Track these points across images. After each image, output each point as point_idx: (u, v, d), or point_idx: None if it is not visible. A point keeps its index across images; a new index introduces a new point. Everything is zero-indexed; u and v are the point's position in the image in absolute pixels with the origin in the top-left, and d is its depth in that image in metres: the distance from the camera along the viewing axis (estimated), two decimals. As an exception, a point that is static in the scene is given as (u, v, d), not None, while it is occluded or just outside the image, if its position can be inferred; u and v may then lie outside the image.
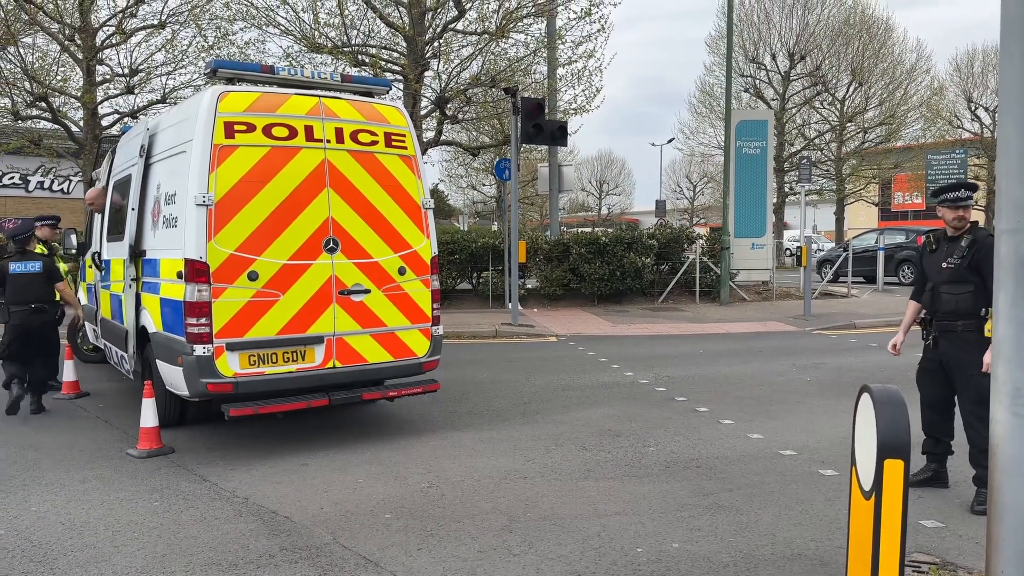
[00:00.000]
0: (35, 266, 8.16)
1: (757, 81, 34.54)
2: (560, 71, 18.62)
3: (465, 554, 4.47)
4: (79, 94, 19.83)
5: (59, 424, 7.60)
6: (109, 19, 19.73)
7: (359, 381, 6.91)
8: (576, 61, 18.44)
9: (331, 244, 6.61)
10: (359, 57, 17.29)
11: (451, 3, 16.73)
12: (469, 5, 17.15)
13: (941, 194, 5.41)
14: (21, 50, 19.64)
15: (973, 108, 36.97)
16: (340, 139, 6.72)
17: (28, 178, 34.11)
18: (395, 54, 18.00)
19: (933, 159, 26.30)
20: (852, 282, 20.83)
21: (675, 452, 6.54)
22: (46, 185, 34.98)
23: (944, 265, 5.38)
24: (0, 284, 8.12)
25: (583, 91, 18.83)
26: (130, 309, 7.47)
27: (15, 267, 8.10)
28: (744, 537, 4.71)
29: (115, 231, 8.41)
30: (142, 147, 7.54)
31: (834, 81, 34.51)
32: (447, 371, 8.17)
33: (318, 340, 6.57)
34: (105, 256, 8.82)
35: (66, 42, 19.30)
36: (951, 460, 5.64)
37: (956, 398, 5.43)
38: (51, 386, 8.54)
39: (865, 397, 3.42)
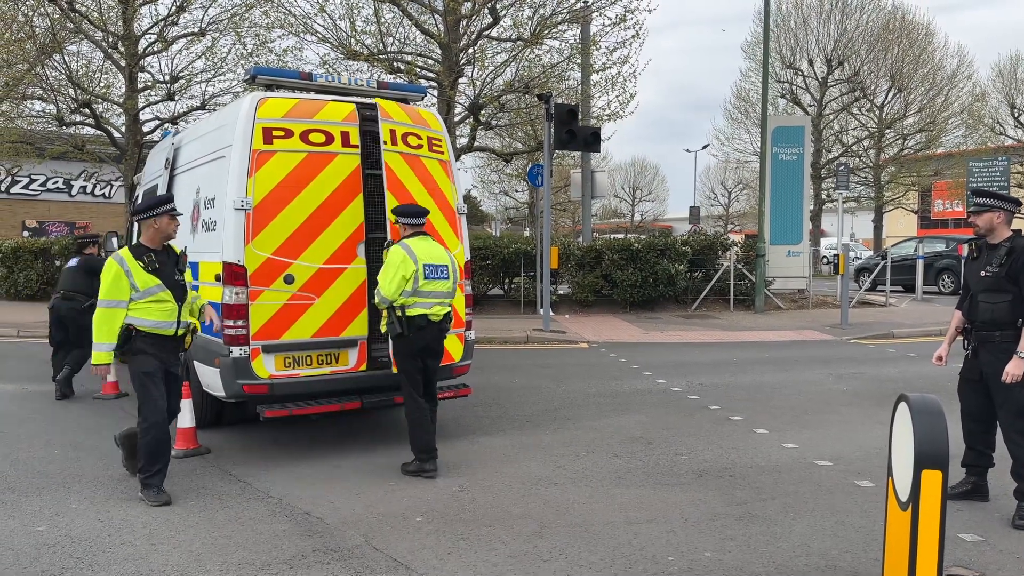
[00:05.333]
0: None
1: (794, 87, 34.22)
2: (594, 77, 18.64)
3: (495, 559, 4.48)
4: (121, 100, 20.29)
5: (100, 424, 7.75)
6: (151, 27, 20.17)
7: (391, 384, 6.95)
8: (610, 67, 18.46)
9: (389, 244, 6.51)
10: (394, 64, 17.48)
11: (486, 10, 16.83)
12: (504, 12, 17.24)
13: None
14: (66, 58, 20.15)
15: (1016, 114, 36.21)
16: (394, 141, 6.80)
17: (71, 183, 34.91)
18: (430, 61, 18.16)
19: (975, 166, 25.87)
20: (890, 291, 20.49)
21: (708, 460, 6.49)
22: (88, 190, 35.79)
23: (983, 273, 5.28)
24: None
25: (617, 97, 18.78)
26: None
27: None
28: (778, 547, 4.65)
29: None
30: (167, 160, 8.00)
31: (873, 87, 34.08)
32: (478, 376, 8.20)
33: (352, 343, 6.63)
34: None
35: (109, 50, 19.75)
36: (992, 473, 5.51)
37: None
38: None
39: (902, 406, 3.38)
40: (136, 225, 8.15)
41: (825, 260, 35.06)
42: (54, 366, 9.09)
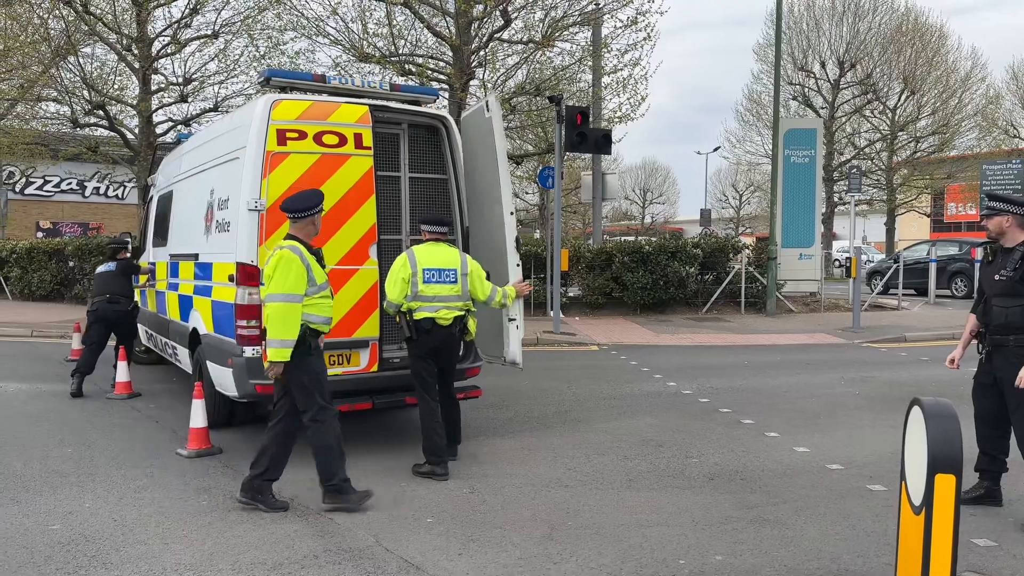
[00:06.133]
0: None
1: (806, 89, 34.08)
2: (605, 79, 18.63)
3: (506, 560, 4.48)
4: (135, 102, 20.41)
5: (112, 423, 7.81)
6: (165, 29, 20.28)
7: (402, 385, 6.97)
8: (621, 69, 18.45)
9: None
10: (406, 66, 17.52)
11: (497, 13, 16.85)
12: (515, 15, 17.27)
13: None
14: (81, 60, 20.30)
15: (1031, 117, 35.96)
16: None
17: (85, 184, 35.19)
18: (441, 63, 18.20)
19: (988, 169, 25.74)
20: (903, 294, 20.38)
21: (719, 464, 6.47)
22: (102, 191, 36.07)
23: (997, 277, 5.26)
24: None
25: (628, 99, 18.77)
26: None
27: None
28: (789, 551, 4.64)
29: (160, 238, 9.44)
30: (176, 166, 8.71)
31: (885, 89, 33.89)
32: (489, 378, 8.20)
33: (363, 344, 6.65)
34: (151, 259, 9.86)
35: (123, 52, 19.88)
36: (1006, 478, 5.48)
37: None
38: None
39: (916, 410, 3.36)
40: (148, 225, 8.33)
41: (837, 263, 34.82)
42: (80, 361, 9.21)
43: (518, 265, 6.67)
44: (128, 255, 9.93)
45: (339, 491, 5.23)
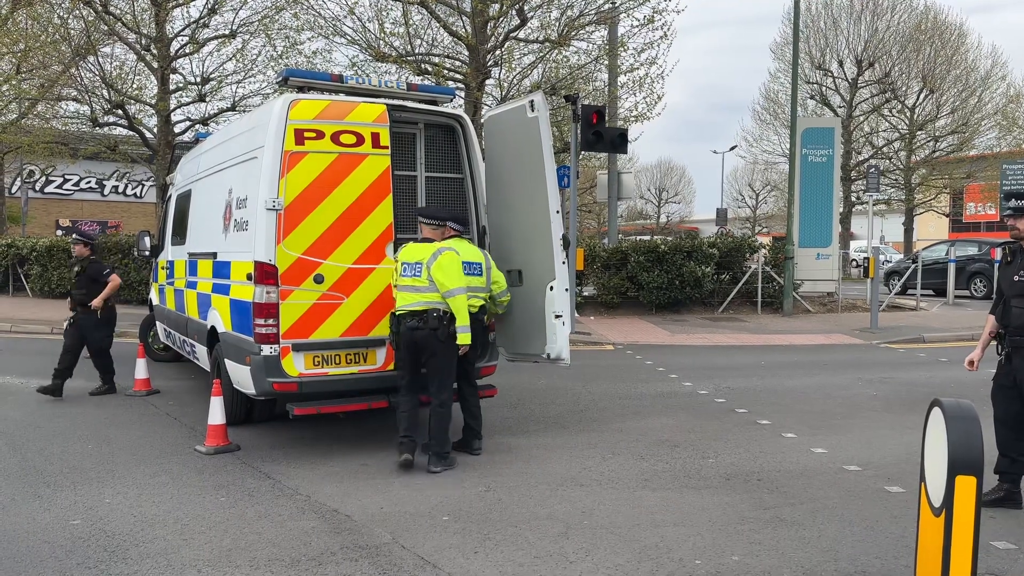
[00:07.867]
0: None
1: (823, 88, 33.87)
2: (621, 78, 18.61)
3: (522, 559, 4.49)
4: (154, 102, 20.59)
5: (131, 420, 7.88)
6: (183, 29, 20.44)
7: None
8: (638, 68, 18.44)
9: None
10: (422, 66, 17.57)
11: (514, 12, 16.86)
12: (532, 14, 17.27)
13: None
14: (100, 59, 20.51)
15: (1052, 116, 35.52)
16: None
17: (104, 182, 35.53)
18: (457, 62, 18.23)
19: (1008, 168, 25.49)
20: (921, 295, 20.19)
21: (735, 464, 6.45)
22: (120, 189, 36.41)
23: (1016, 278, 5.21)
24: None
25: (644, 98, 18.76)
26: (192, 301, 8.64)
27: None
28: (806, 552, 4.62)
29: (178, 237, 9.50)
30: (194, 167, 8.89)
31: (904, 88, 33.63)
32: (504, 377, 8.21)
33: (380, 343, 6.68)
34: (170, 257, 9.86)
35: (142, 51, 20.06)
36: (1026, 480, 5.44)
37: None
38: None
39: (936, 411, 3.34)
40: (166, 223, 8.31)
41: (855, 263, 34.65)
42: (105, 366, 9.19)
43: (563, 263, 6.63)
44: None
45: (446, 457, 6.22)
